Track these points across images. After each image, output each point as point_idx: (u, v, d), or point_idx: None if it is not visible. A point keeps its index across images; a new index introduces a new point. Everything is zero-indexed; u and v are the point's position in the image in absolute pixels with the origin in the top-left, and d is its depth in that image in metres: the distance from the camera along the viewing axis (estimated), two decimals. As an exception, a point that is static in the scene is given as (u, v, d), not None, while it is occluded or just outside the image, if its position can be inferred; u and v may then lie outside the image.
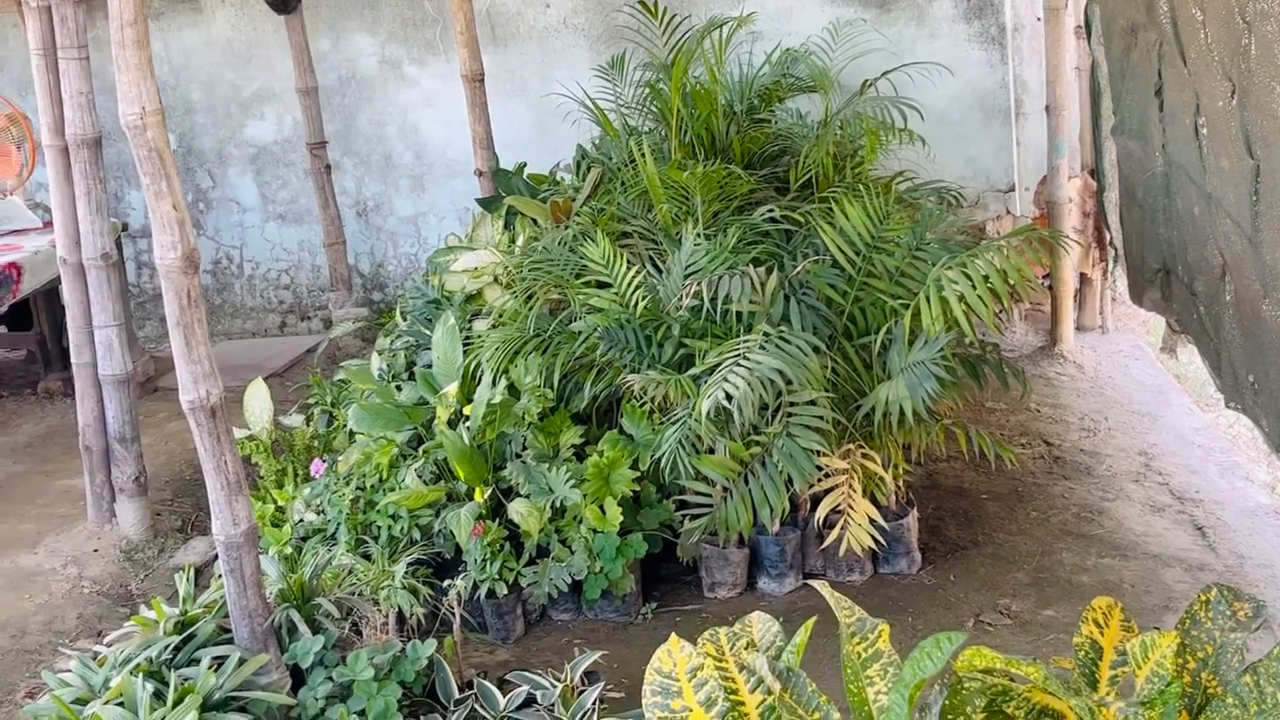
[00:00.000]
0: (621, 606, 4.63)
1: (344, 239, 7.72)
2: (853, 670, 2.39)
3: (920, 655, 2.31)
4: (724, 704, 2.36)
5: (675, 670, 2.39)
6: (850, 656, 2.40)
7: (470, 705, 3.81)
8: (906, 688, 2.29)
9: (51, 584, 5.14)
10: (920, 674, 2.28)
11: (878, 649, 2.43)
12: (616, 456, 4.60)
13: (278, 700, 3.75)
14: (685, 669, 2.38)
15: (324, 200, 7.59)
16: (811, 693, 2.40)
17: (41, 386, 7.34)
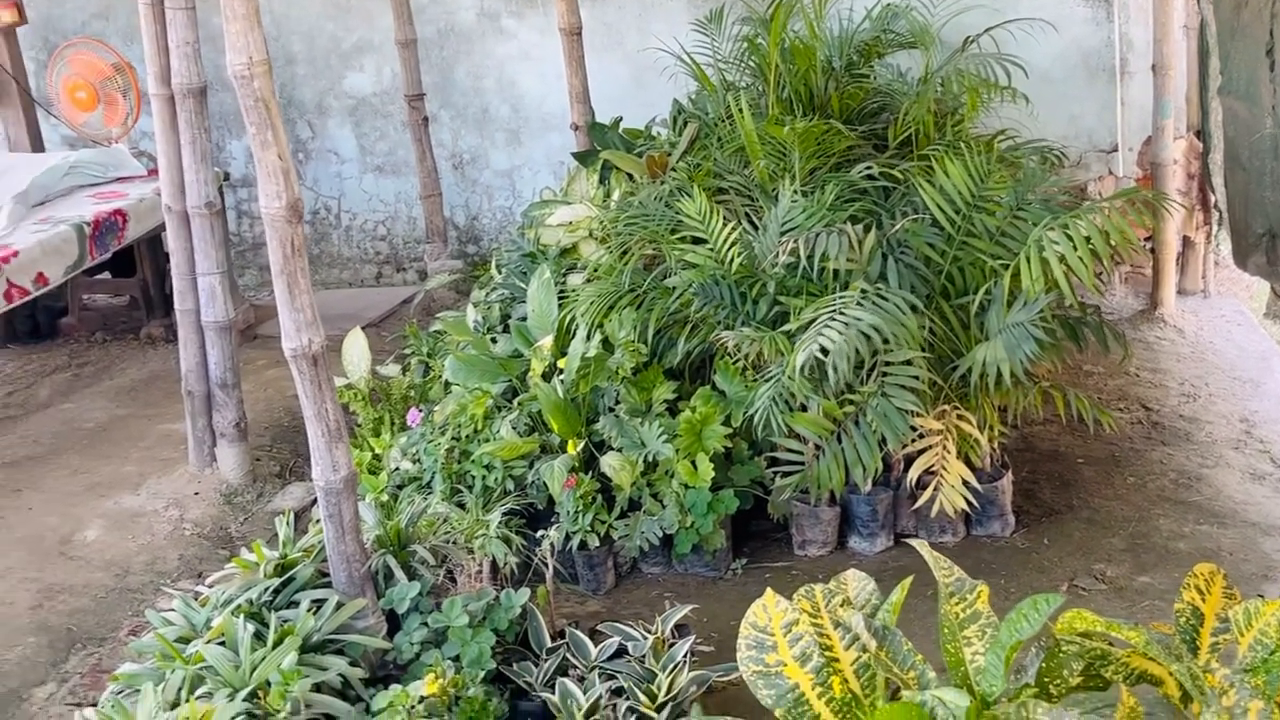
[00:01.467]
0: (711, 561, 4.65)
1: (440, 191, 7.76)
2: (950, 630, 2.39)
3: (1018, 617, 2.30)
4: (819, 659, 2.37)
5: (770, 625, 2.40)
6: (948, 616, 2.40)
7: (562, 654, 3.85)
8: (1004, 649, 2.28)
9: (154, 525, 5.26)
10: (1017, 635, 2.27)
11: (976, 609, 2.42)
12: (709, 412, 4.61)
13: (374, 644, 3.82)
14: (780, 624, 2.39)
15: (421, 152, 7.63)
16: (907, 651, 2.41)
17: (144, 332, 7.48)
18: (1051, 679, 2.37)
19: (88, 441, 6.10)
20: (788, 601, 2.42)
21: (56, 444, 6.08)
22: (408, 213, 8.44)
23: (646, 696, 3.49)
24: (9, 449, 6.03)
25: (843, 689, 2.38)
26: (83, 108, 7.28)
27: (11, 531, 5.21)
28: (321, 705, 3.49)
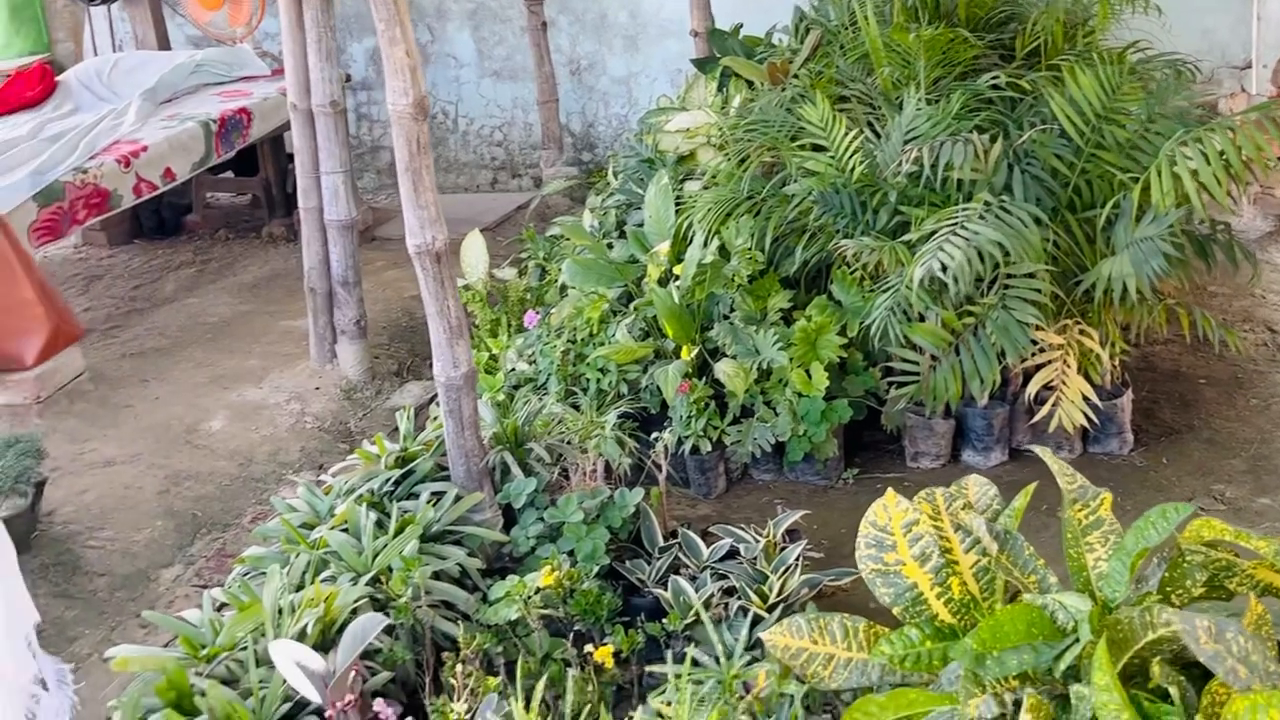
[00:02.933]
0: (823, 470, 4.66)
1: (557, 98, 7.77)
2: (1073, 536, 2.38)
3: (1144, 524, 2.28)
4: (938, 560, 2.38)
5: (890, 524, 2.41)
6: (1070, 522, 2.39)
7: (674, 553, 3.89)
8: (1128, 555, 2.27)
9: (276, 417, 5.39)
10: (1143, 542, 2.26)
11: (1099, 516, 2.41)
12: (824, 322, 4.59)
13: (491, 536, 3.90)
14: (901, 523, 2.40)
15: (539, 58, 7.63)
16: (1029, 556, 2.40)
17: (265, 231, 7.63)
18: (1174, 589, 2.35)
19: (211, 335, 6.25)
20: (908, 502, 2.43)
21: (182, 337, 6.24)
22: (524, 118, 8.47)
23: (758, 597, 3.52)
24: (136, 340, 6.20)
25: (961, 591, 2.39)
26: (208, 6, 7.38)
27: (139, 420, 5.37)
28: (440, 592, 3.57)
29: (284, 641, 2.99)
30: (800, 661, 2.44)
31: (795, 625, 2.46)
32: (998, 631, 2.15)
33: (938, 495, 2.54)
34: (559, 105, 7.82)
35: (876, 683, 2.41)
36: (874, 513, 2.46)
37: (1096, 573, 2.34)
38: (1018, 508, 2.55)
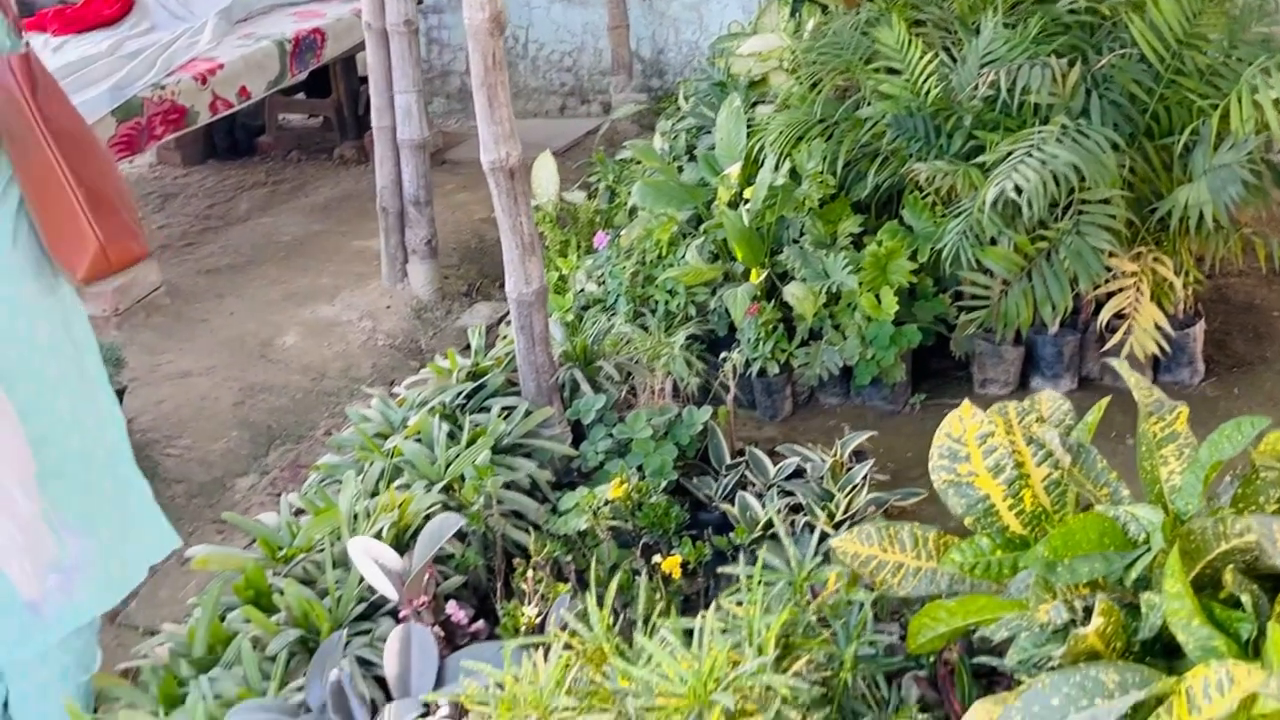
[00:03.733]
0: (890, 395, 4.67)
1: (627, 23, 7.74)
2: (1147, 448, 2.39)
3: (1219, 437, 2.29)
4: (1011, 472, 2.39)
5: (965, 435, 2.43)
6: (1145, 435, 2.40)
7: (741, 471, 3.93)
8: (1202, 469, 2.28)
9: (348, 334, 5.47)
10: (1217, 455, 2.27)
11: (1174, 430, 2.41)
12: (895, 246, 4.58)
13: (561, 450, 3.95)
14: (975, 434, 2.41)
15: (610, -17, 7.62)
16: (1102, 469, 2.42)
17: (337, 152, 7.68)
18: (1247, 504, 2.35)
19: (284, 254, 6.33)
20: (983, 414, 2.44)
21: (255, 255, 6.32)
22: (594, 44, 8.44)
23: (824, 514, 3.55)
24: (211, 257, 6.30)
25: (1033, 503, 2.41)
26: (283, -73, 7.39)
27: (215, 334, 5.47)
28: (511, 501, 3.63)
29: (362, 538, 3.06)
30: (869, 569, 2.47)
31: (865, 533, 2.49)
32: (1070, 539, 2.16)
33: (1010, 409, 2.55)
34: (629, 31, 7.79)
35: (945, 591, 2.44)
36: (949, 424, 2.47)
37: (1170, 486, 2.34)
38: (1090, 422, 2.56)
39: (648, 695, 2.10)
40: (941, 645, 2.36)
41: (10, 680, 2.92)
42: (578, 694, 2.18)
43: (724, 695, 2.00)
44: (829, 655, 2.29)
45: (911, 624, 2.31)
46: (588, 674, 2.27)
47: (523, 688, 2.17)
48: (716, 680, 2.04)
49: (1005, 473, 2.40)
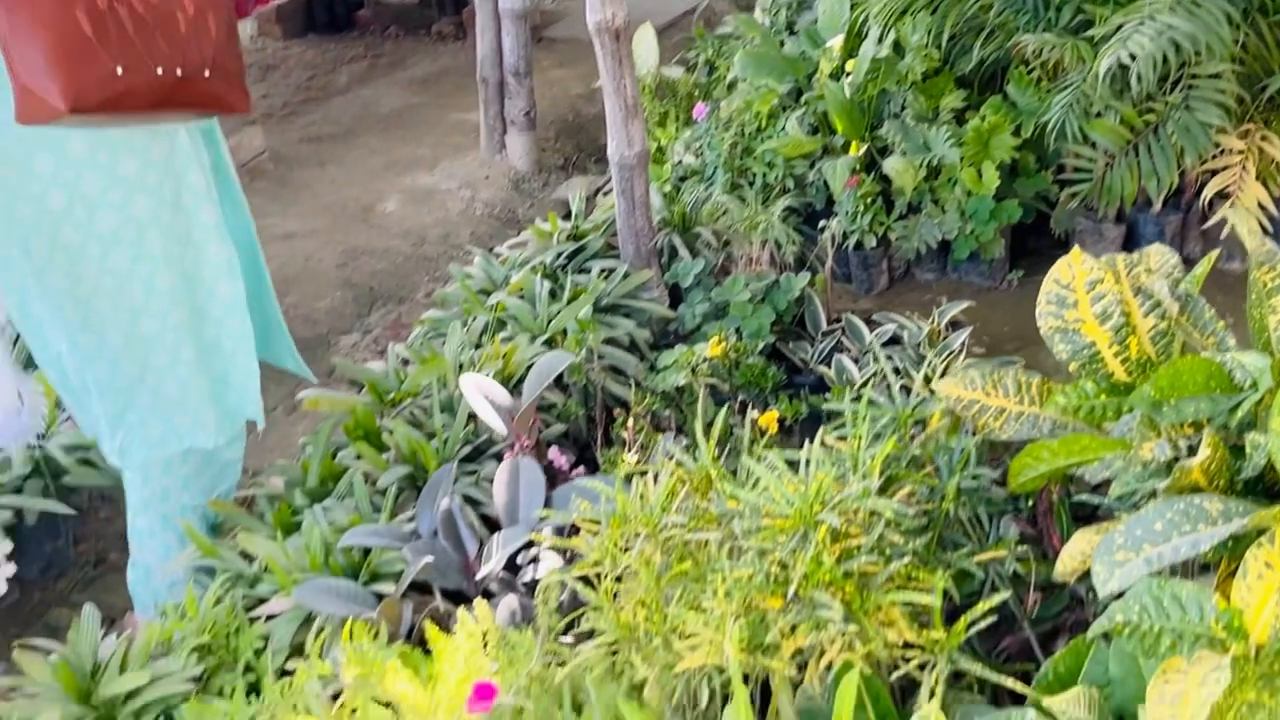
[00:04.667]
0: (987, 271, 4.66)
1: (727, -101, 7.65)
2: (1257, 296, 2.39)
3: (1333, 286, 2.28)
4: (1118, 319, 2.41)
5: (1074, 282, 2.44)
6: (1255, 283, 2.40)
7: (837, 337, 3.96)
8: (1313, 317, 2.28)
9: (447, 202, 5.54)
10: (1330, 304, 2.26)
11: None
12: (998, 121, 4.55)
13: (659, 312, 4.00)
14: (1084, 281, 2.43)
15: None
16: (1209, 318, 2.42)
17: (434, 28, 7.72)
18: (1355, 358, 2.35)
19: (384, 125, 6.40)
20: (1094, 260, 2.45)
21: (355, 125, 6.40)
22: (693, -79, 8.35)
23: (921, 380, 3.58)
24: (313, 126, 6.38)
25: (1138, 351, 2.42)
26: None
27: (318, 199, 5.56)
28: (611, 357, 3.70)
29: (474, 375, 3.14)
30: (971, 413, 2.50)
31: (968, 377, 2.53)
32: (1176, 380, 2.18)
33: (1119, 260, 2.55)
34: (728, -92, 7.70)
35: (1047, 436, 2.47)
36: (1057, 270, 2.48)
37: (1278, 335, 2.35)
38: (1199, 274, 2.56)
39: (754, 516, 2.16)
40: (1041, 485, 2.40)
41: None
42: (685, 514, 2.25)
43: (830, 515, 2.06)
44: (930, 489, 2.34)
45: (1013, 463, 2.35)
46: (694, 501, 2.34)
47: (633, 507, 2.25)
48: (822, 503, 2.10)
49: (1112, 320, 2.41)
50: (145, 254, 2.79)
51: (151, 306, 2.85)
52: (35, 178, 2.64)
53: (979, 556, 2.26)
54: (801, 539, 2.09)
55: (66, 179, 2.66)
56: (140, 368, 2.89)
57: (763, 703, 2.16)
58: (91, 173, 2.67)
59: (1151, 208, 4.50)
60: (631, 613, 2.25)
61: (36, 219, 2.69)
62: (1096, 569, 1.90)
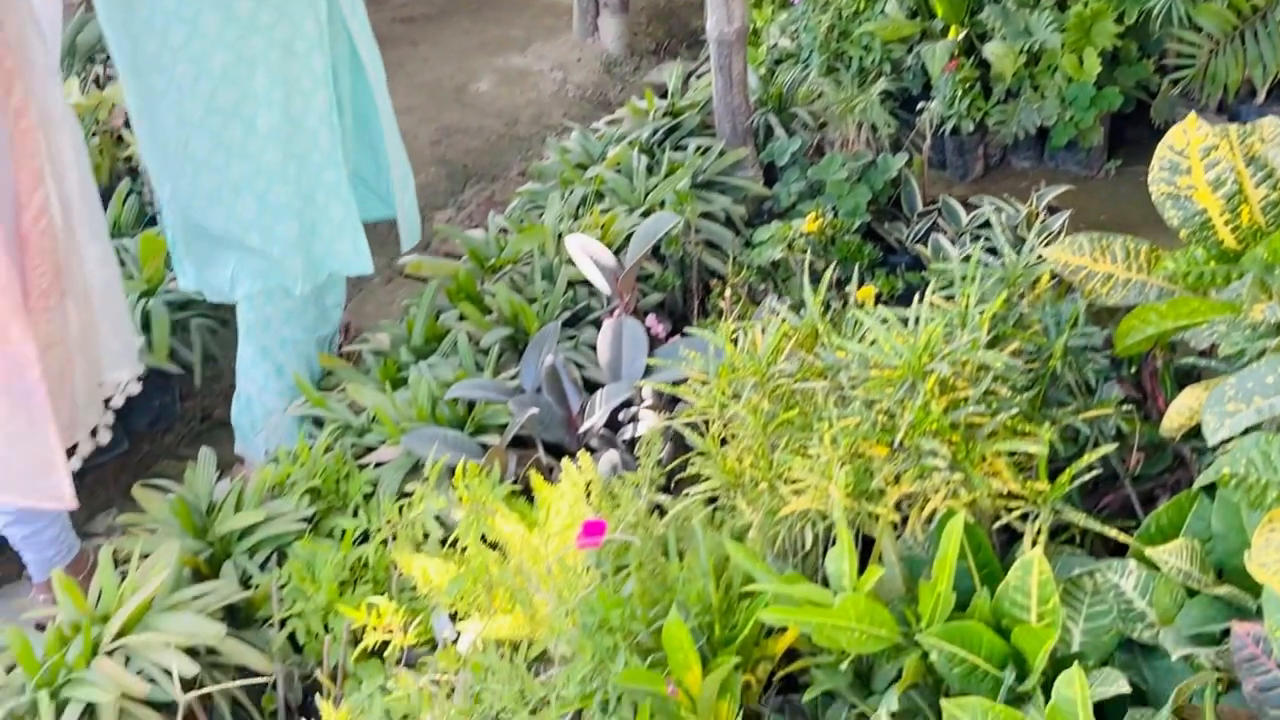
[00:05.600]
0: (1084, 159, 4.62)
1: None
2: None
3: None
4: (1231, 186, 2.40)
5: (1188, 148, 2.43)
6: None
7: (933, 218, 3.96)
8: None
9: (539, 83, 5.56)
10: None
11: (1405, 148, 2.39)
12: (1101, 8, 4.47)
13: (755, 189, 4.02)
14: (1199, 147, 2.41)
15: None
16: (1324, 186, 2.41)
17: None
18: None
19: (476, 6, 6.40)
20: (1210, 127, 2.44)
21: (447, 6, 6.41)
22: None
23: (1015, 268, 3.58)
24: (406, 7, 6.40)
25: (1250, 220, 2.41)
26: None
27: (411, 78, 5.59)
28: (707, 231, 3.73)
29: (579, 235, 3.18)
30: (1079, 278, 2.51)
31: (1077, 243, 2.53)
32: (1291, 244, 2.18)
33: (1231, 130, 2.53)
34: None
35: (1153, 302, 2.47)
36: (1171, 137, 2.47)
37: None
38: (1315, 146, 2.54)
39: (861, 367, 2.20)
40: (1147, 347, 2.41)
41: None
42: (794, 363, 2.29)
43: (940, 364, 2.09)
44: (1037, 346, 2.36)
45: (1120, 326, 2.36)
46: (800, 356, 2.38)
47: (742, 357, 2.29)
48: (931, 354, 2.13)
49: (1225, 187, 2.40)
50: (251, 94, 2.88)
51: (249, 147, 2.93)
52: (160, 11, 2.74)
53: (1084, 414, 2.28)
54: (909, 389, 2.12)
55: (186, 15, 2.74)
56: (230, 208, 2.98)
57: (862, 552, 2.20)
58: (210, 10, 2.75)
59: (1255, 98, 4.43)
60: (737, 459, 2.30)
61: (158, 53, 2.79)
62: (1207, 419, 1.92)
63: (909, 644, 2.04)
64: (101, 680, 2.32)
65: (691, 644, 2.05)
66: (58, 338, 2.60)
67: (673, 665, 2.08)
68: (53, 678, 2.37)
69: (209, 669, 2.47)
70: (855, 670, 2.13)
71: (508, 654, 2.25)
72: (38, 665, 2.38)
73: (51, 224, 2.55)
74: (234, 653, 2.49)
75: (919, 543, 2.23)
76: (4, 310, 2.42)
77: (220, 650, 2.49)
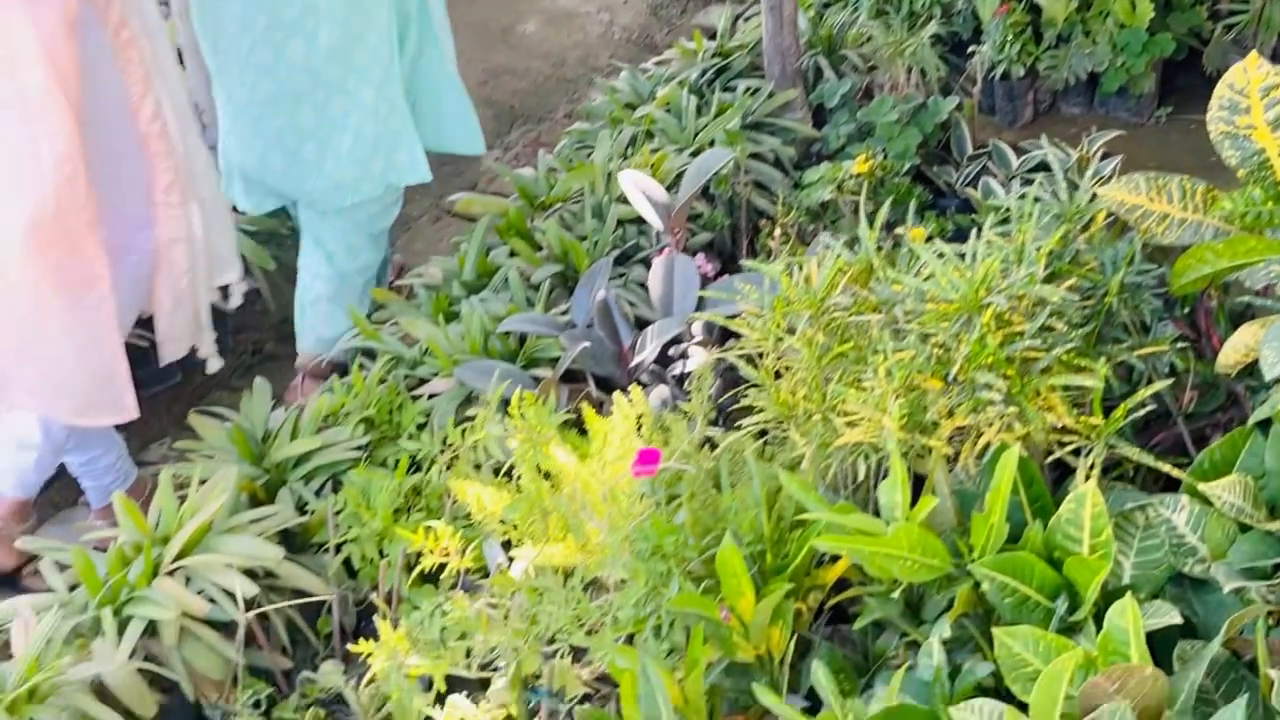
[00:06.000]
0: (1135, 106, 4.58)
1: None
2: None
3: None
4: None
5: (1248, 87, 2.42)
6: None
7: (983, 162, 3.95)
8: None
9: (586, 25, 5.55)
10: None
11: None
12: (1155, -48, 4.43)
13: (804, 131, 4.01)
14: (1259, 86, 2.40)
15: None
16: (1387, 125, 2.39)
17: None
18: None
19: (522, -54, 6.38)
20: (1271, 66, 2.42)
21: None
22: None
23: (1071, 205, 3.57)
24: (451, -53, 6.37)
25: (1308, 161, 2.40)
26: None
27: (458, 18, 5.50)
28: (756, 172, 3.73)
29: (632, 171, 3.19)
30: (1135, 217, 2.51)
31: (1133, 183, 2.52)
32: (1351, 182, 2.18)
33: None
34: None
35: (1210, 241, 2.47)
36: (1231, 75, 2.45)
37: None
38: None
39: (918, 301, 2.21)
40: (1203, 286, 2.41)
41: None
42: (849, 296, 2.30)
43: (997, 298, 2.10)
44: (1093, 284, 2.37)
45: (1176, 264, 2.36)
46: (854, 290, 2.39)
47: (797, 290, 2.30)
48: (989, 288, 2.14)
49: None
50: (314, 7, 2.94)
51: (311, 61, 3.00)
52: None
53: (1139, 351, 2.29)
54: (965, 323, 2.13)
55: None
56: (290, 117, 3.05)
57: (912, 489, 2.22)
58: None
59: (1312, 44, 4.39)
60: (791, 392, 2.32)
61: None
62: (1264, 353, 1.93)
63: (960, 574, 2.06)
64: (163, 599, 2.37)
65: (745, 570, 2.08)
66: (182, 234, 2.78)
67: (726, 591, 2.11)
68: (115, 596, 2.42)
69: (266, 592, 2.52)
70: (905, 600, 2.16)
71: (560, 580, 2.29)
72: (100, 584, 2.44)
73: (166, 126, 2.71)
74: (291, 576, 2.54)
75: (970, 477, 2.24)
76: (81, 225, 2.53)
77: (278, 573, 2.54)
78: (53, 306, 2.55)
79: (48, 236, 2.50)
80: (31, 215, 2.47)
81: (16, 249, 2.50)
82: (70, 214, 2.50)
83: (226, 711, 2.43)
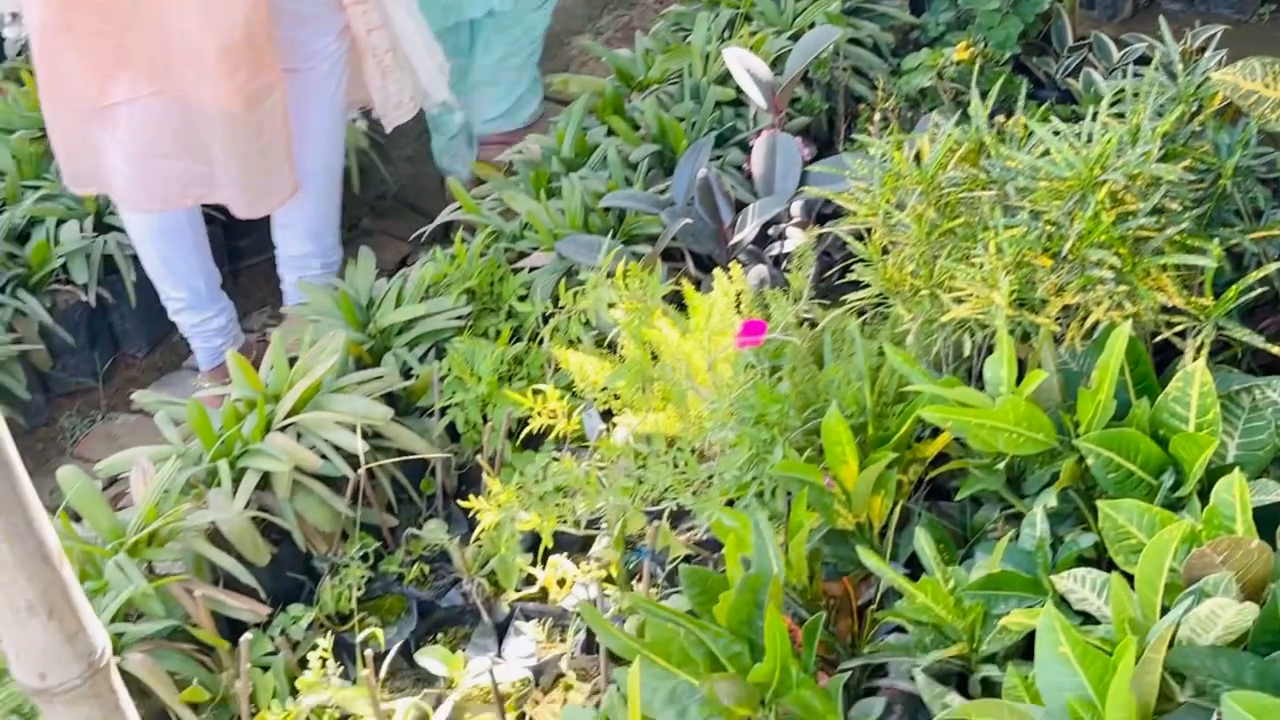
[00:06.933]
0: (1238, 3, 4.50)
1: None
2: None
3: None
4: None
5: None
6: None
7: (1084, 54, 3.89)
8: None
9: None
10: None
11: None
12: None
13: (903, 17, 3.98)
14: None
15: None
16: None
17: None
18: None
19: None
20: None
21: None
22: None
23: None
24: None
25: None
26: None
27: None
28: (854, 57, 3.71)
29: (737, 48, 3.18)
30: (1249, 103, 2.48)
31: (1249, 68, 2.49)
32: None
33: None
34: None
35: (1328, 132, 2.44)
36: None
37: None
38: None
39: (1031, 178, 2.20)
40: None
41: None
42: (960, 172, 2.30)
43: (1113, 174, 2.09)
44: (1207, 167, 2.35)
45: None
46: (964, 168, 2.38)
47: (908, 164, 2.31)
48: (1104, 166, 2.13)
49: None
50: None
51: None
52: None
53: (1251, 234, 2.28)
54: (1079, 201, 2.13)
55: None
56: None
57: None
58: None
59: None
60: (898, 268, 2.33)
61: None
62: (1385, 236, 1.91)
63: (1065, 449, 2.08)
64: (277, 452, 2.45)
65: (850, 438, 2.11)
66: (378, 23, 3.14)
67: (829, 459, 2.14)
68: (229, 449, 2.50)
69: (373, 452, 2.58)
70: (1007, 474, 2.18)
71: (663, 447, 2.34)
72: (215, 437, 2.51)
73: None
74: (398, 436, 2.60)
75: (1074, 357, 2.25)
76: (263, 43, 2.84)
77: (385, 434, 2.60)
78: (240, 116, 2.89)
79: (235, 59, 2.80)
80: (223, 42, 2.77)
81: (209, 73, 2.81)
82: (256, 36, 2.81)
83: (335, 563, 2.51)
